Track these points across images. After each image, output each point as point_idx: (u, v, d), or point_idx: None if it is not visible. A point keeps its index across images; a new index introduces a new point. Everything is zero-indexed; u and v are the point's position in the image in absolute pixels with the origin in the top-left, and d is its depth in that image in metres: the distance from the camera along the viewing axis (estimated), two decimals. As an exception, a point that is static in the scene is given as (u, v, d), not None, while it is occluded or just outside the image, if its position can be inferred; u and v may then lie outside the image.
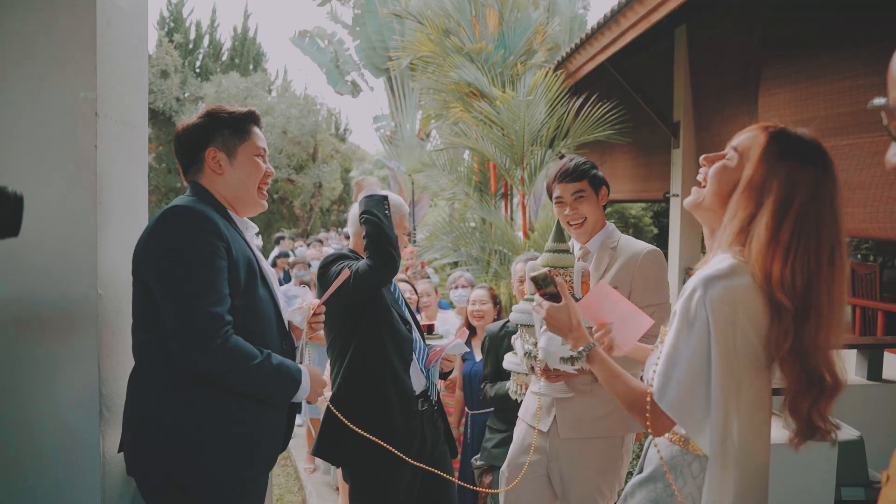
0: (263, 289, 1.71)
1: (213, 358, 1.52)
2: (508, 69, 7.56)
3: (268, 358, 1.61)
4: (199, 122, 1.77)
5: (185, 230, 1.57)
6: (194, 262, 1.54)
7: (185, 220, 1.59)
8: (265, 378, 1.60)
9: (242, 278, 1.62)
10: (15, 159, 2.03)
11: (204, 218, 1.60)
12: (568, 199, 2.22)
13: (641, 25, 6.24)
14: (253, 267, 1.67)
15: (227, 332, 1.54)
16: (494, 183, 7.84)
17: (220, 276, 1.56)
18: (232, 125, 1.77)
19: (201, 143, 1.75)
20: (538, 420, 2.20)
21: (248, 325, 1.63)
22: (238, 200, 1.76)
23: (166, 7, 18.39)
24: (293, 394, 1.68)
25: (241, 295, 1.61)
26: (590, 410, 2.16)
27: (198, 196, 1.73)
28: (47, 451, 1.97)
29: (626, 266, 2.14)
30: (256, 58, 19.48)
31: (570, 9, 12.65)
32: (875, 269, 6.18)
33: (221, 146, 1.74)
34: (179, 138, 1.79)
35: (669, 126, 8.79)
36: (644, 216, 14.53)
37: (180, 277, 1.54)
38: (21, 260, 2.03)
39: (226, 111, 1.79)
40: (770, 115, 7.17)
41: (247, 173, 1.76)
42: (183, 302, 1.53)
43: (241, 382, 1.58)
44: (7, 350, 2.04)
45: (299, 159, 16.41)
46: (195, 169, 1.77)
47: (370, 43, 13.63)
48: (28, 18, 2.00)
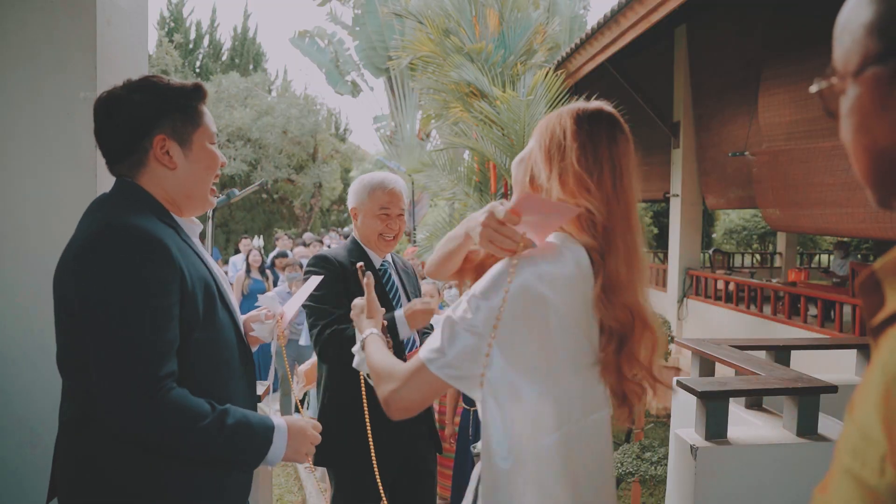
0: (223, 312, 1.40)
1: (144, 420, 1.20)
2: (508, 69, 7.56)
3: (221, 416, 1.26)
4: (140, 98, 1.33)
5: (126, 260, 1.22)
6: (134, 302, 1.21)
7: (125, 245, 1.23)
8: (217, 442, 1.25)
9: (201, 308, 1.31)
10: (15, 159, 2.03)
11: (150, 242, 1.24)
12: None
13: (641, 25, 6.24)
14: (211, 290, 1.36)
15: (165, 387, 1.21)
16: (494, 183, 7.84)
17: (167, 316, 1.24)
18: (182, 106, 1.36)
19: (145, 126, 1.33)
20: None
21: (211, 357, 1.35)
22: (188, 200, 1.40)
23: (166, 7, 18.41)
24: (260, 457, 1.32)
25: (200, 327, 1.31)
26: None
27: (130, 200, 1.34)
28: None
29: None
30: (256, 58, 19.48)
31: (570, 9, 12.66)
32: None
33: (172, 133, 1.34)
34: (108, 115, 1.34)
35: (669, 126, 8.79)
36: (644, 216, 14.53)
37: (114, 321, 1.21)
38: (21, 259, 2.03)
39: (172, 84, 1.37)
40: (770, 114, 7.17)
41: (203, 166, 1.39)
42: (113, 352, 1.20)
43: (183, 448, 1.25)
44: (7, 349, 2.04)
45: (299, 159, 16.42)
46: (134, 160, 1.35)
47: (370, 43, 13.64)
48: (28, 18, 2.00)
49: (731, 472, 2.39)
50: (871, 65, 0.50)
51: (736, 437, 2.46)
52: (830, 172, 6.43)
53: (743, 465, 2.39)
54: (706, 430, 2.42)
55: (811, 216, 6.75)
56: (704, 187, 8.69)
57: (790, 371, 2.74)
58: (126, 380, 1.20)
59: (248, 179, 15.09)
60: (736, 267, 11.87)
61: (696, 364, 3.23)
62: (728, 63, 7.90)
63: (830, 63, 0.57)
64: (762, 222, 13.05)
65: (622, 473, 4.26)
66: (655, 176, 9.87)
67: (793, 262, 11.53)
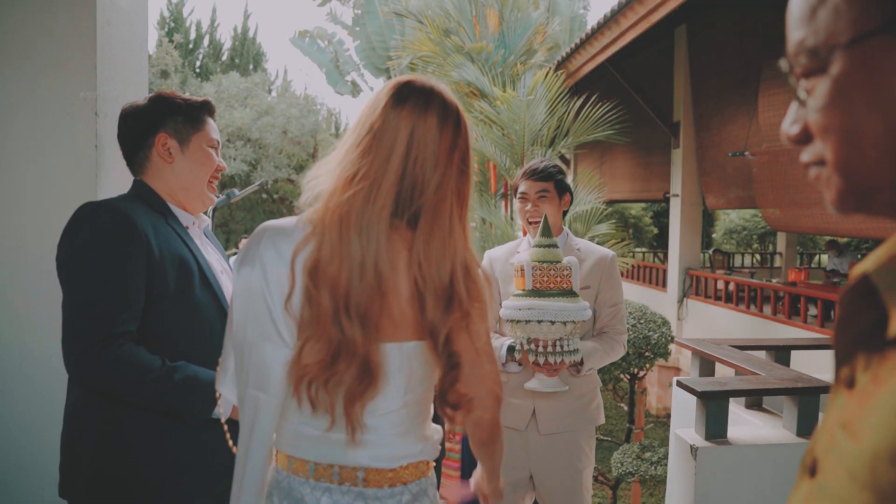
0: (203, 290, 1.54)
1: (95, 370, 1.37)
2: (508, 69, 7.56)
3: (170, 371, 1.41)
4: (150, 104, 1.59)
5: (93, 230, 1.43)
6: (96, 265, 1.39)
7: (94, 217, 1.44)
8: (166, 392, 1.41)
9: (171, 280, 1.46)
10: (15, 159, 2.03)
11: (117, 214, 1.43)
12: (532, 196, 2.29)
13: (641, 25, 6.24)
14: (188, 267, 1.51)
15: (117, 343, 1.37)
16: (494, 183, 7.84)
17: (129, 280, 1.40)
18: (186, 112, 1.59)
19: (151, 127, 1.57)
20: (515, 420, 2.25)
21: (185, 331, 1.50)
22: (186, 193, 1.60)
23: (166, 7, 18.41)
24: (209, 409, 1.45)
25: (169, 298, 1.46)
26: (567, 404, 2.23)
27: (131, 192, 1.58)
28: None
29: (596, 267, 2.27)
30: (256, 58, 19.49)
31: (570, 9, 12.66)
32: (875, 269, 6.18)
33: (173, 133, 1.57)
34: (126, 121, 1.59)
35: (669, 126, 8.79)
36: (644, 216, 14.53)
37: (78, 282, 1.40)
38: (21, 259, 2.03)
39: (180, 97, 1.61)
40: (770, 114, 7.17)
41: (199, 164, 1.60)
42: (74, 309, 1.39)
43: (134, 397, 1.42)
44: (7, 349, 2.04)
45: (299, 159, 16.43)
46: (141, 157, 1.58)
47: (370, 43, 13.64)
48: (28, 18, 2.00)
49: (731, 472, 2.39)
50: (876, 34, 0.45)
51: (736, 437, 2.46)
52: (830, 172, 6.41)
53: (743, 465, 2.39)
54: (706, 430, 2.42)
55: (811, 216, 6.75)
56: (704, 187, 8.69)
57: (790, 371, 2.74)
58: (80, 332, 1.37)
59: (248, 179, 15.10)
60: (736, 267, 11.88)
61: (696, 364, 3.23)
62: (728, 63, 7.90)
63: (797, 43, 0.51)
64: (762, 222, 13.05)
65: (622, 473, 4.26)
66: (655, 176, 9.88)
67: (793, 262, 11.54)
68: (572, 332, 2.04)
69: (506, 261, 2.32)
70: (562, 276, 2.06)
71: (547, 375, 2.09)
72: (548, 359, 2.02)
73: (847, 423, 0.47)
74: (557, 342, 2.03)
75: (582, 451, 2.26)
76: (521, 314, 2.05)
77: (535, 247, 2.11)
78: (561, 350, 2.03)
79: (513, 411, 2.22)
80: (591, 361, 2.18)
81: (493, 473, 1.27)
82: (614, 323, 2.26)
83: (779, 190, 7.13)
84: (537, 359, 2.03)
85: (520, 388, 2.20)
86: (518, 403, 2.23)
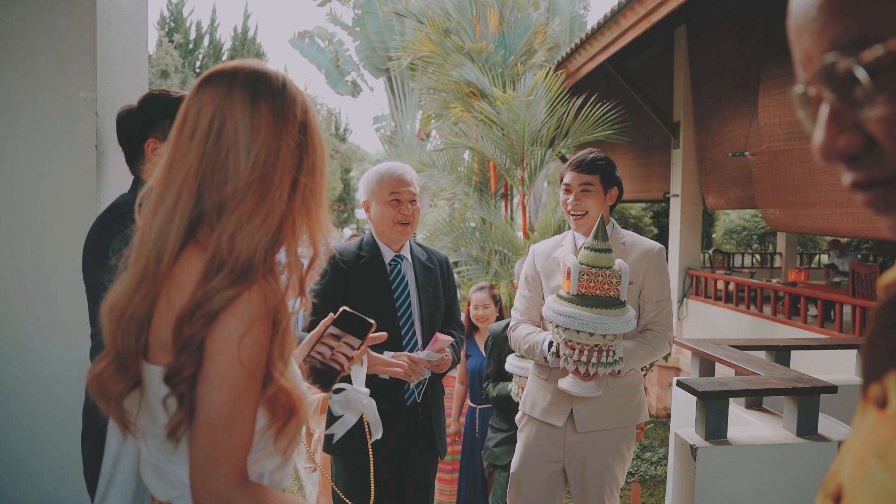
0: None
1: None
2: (509, 69, 7.56)
3: None
4: (138, 108, 1.63)
5: (109, 228, 1.48)
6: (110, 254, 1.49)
7: (111, 217, 1.53)
8: None
9: None
10: (14, 159, 2.03)
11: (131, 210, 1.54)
12: (575, 188, 2.19)
13: (641, 26, 6.24)
14: None
15: None
16: (494, 183, 7.84)
17: None
18: (173, 113, 1.67)
19: (140, 132, 1.62)
20: (550, 415, 2.20)
21: None
22: None
23: (166, 7, 18.41)
24: None
25: None
26: (605, 404, 2.17)
27: (133, 191, 1.67)
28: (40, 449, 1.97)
29: (641, 260, 2.17)
30: (256, 58, 19.49)
31: (570, 9, 12.66)
32: (875, 269, 6.19)
33: (162, 137, 1.60)
34: (120, 125, 1.65)
35: (669, 126, 8.79)
36: (644, 216, 14.53)
37: (99, 280, 1.44)
38: (22, 259, 2.03)
39: (167, 96, 1.64)
40: (770, 114, 7.17)
41: None
42: (93, 298, 1.47)
43: None
44: (8, 346, 2.04)
45: (299, 159, 16.43)
46: (137, 160, 1.65)
47: (370, 43, 13.65)
48: (28, 18, 2.00)
49: (731, 472, 2.39)
50: None
51: (736, 437, 2.46)
52: (830, 172, 6.43)
53: (743, 465, 2.39)
54: (706, 430, 2.42)
55: (811, 216, 6.75)
56: (704, 187, 8.69)
57: (790, 371, 2.74)
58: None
59: (248, 179, 15.08)
60: (736, 267, 11.87)
61: (696, 364, 3.23)
62: (728, 63, 7.90)
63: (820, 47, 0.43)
64: (762, 222, 13.06)
65: (622, 473, 4.26)
66: (655, 176, 9.88)
67: (793, 262, 11.53)
68: (613, 342, 1.96)
69: (548, 255, 2.25)
70: (609, 284, 1.95)
71: (581, 380, 2.02)
72: (579, 367, 1.96)
73: (882, 452, 0.42)
74: (596, 352, 1.94)
75: (618, 450, 2.21)
76: (562, 320, 1.97)
77: (586, 248, 2.00)
78: (598, 361, 1.95)
79: (551, 407, 2.18)
80: (633, 361, 2.10)
81: None
82: (659, 319, 2.17)
83: (779, 190, 7.13)
84: (574, 365, 1.96)
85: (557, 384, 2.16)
86: (556, 399, 2.18)
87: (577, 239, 2.25)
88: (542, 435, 2.24)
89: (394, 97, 14.05)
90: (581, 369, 1.96)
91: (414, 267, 2.25)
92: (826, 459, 2.44)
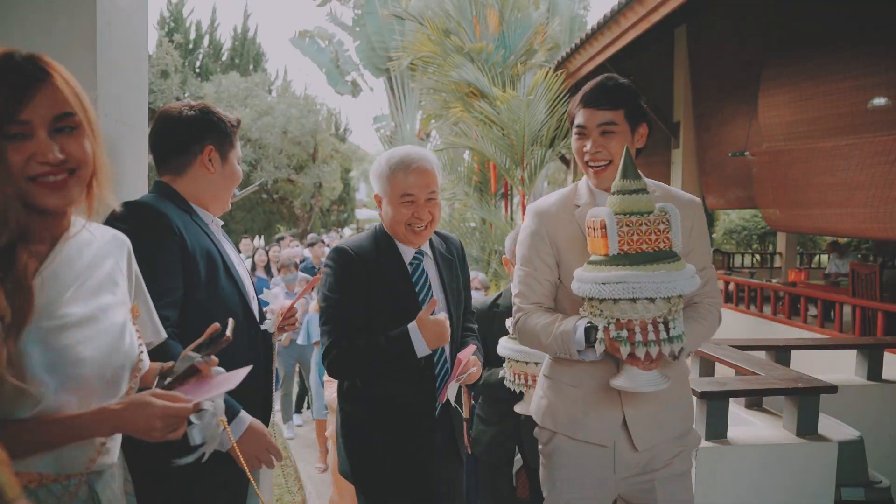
0: (228, 281, 1.65)
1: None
2: (509, 69, 7.56)
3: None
4: (200, 115, 1.71)
5: (132, 227, 1.48)
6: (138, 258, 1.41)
7: (132, 216, 1.52)
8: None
9: (202, 272, 1.58)
10: (15, 159, 2.03)
11: (152, 210, 1.56)
12: (592, 131, 1.63)
13: (641, 25, 6.24)
14: (214, 259, 1.63)
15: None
16: (494, 183, 7.84)
17: (168, 270, 1.52)
18: (226, 129, 1.75)
19: (199, 136, 1.69)
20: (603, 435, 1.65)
21: (212, 318, 1.46)
22: (214, 200, 1.76)
23: (166, 7, 18.40)
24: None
25: (201, 289, 1.57)
26: (668, 408, 1.65)
27: (157, 193, 1.69)
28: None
29: (685, 214, 1.59)
30: (256, 58, 19.48)
31: (570, 9, 12.66)
32: (875, 269, 6.19)
33: (218, 146, 1.71)
34: (174, 124, 1.69)
35: (669, 126, 8.79)
36: (644, 216, 14.54)
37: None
38: (21, 260, 2.03)
39: (220, 113, 1.75)
40: (770, 114, 7.17)
41: (231, 178, 1.78)
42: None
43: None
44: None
45: (299, 159, 16.42)
46: (183, 161, 1.68)
47: (370, 43, 13.65)
48: (28, 18, 2.00)
49: (731, 472, 2.39)
50: None
51: (736, 437, 2.46)
52: (830, 172, 6.43)
53: (743, 465, 2.40)
54: (706, 430, 2.42)
55: (811, 216, 6.75)
56: (704, 187, 8.69)
57: (790, 371, 2.74)
58: None
59: (248, 179, 15.08)
60: (736, 267, 11.86)
61: (696, 364, 3.23)
62: (728, 63, 7.91)
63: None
64: (762, 222, 13.05)
65: (622, 473, 4.25)
66: (655, 176, 9.76)
67: (793, 262, 11.52)
68: (676, 308, 1.44)
69: (558, 217, 1.68)
70: (657, 233, 1.44)
71: (642, 369, 1.46)
72: (648, 349, 1.40)
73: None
74: (659, 324, 1.41)
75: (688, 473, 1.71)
76: (608, 290, 1.40)
77: (617, 193, 1.47)
78: (664, 337, 1.41)
79: (595, 422, 1.62)
80: (693, 341, 1.59)
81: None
82: (708, 289, 1.65)
83: (779, 190, 7.13)
84: (633, 350, 1.41)
85: (602, 389, 1.60)
86: (597, 408, 1.62)
87: (598, 196, 1.68)
88: (587, 458, 1.66)
89: (394, 97, 14.04)
90: (640, 353, 1.40)
91: (437, 263, 1.99)
92: (826, 459, 2.44)
